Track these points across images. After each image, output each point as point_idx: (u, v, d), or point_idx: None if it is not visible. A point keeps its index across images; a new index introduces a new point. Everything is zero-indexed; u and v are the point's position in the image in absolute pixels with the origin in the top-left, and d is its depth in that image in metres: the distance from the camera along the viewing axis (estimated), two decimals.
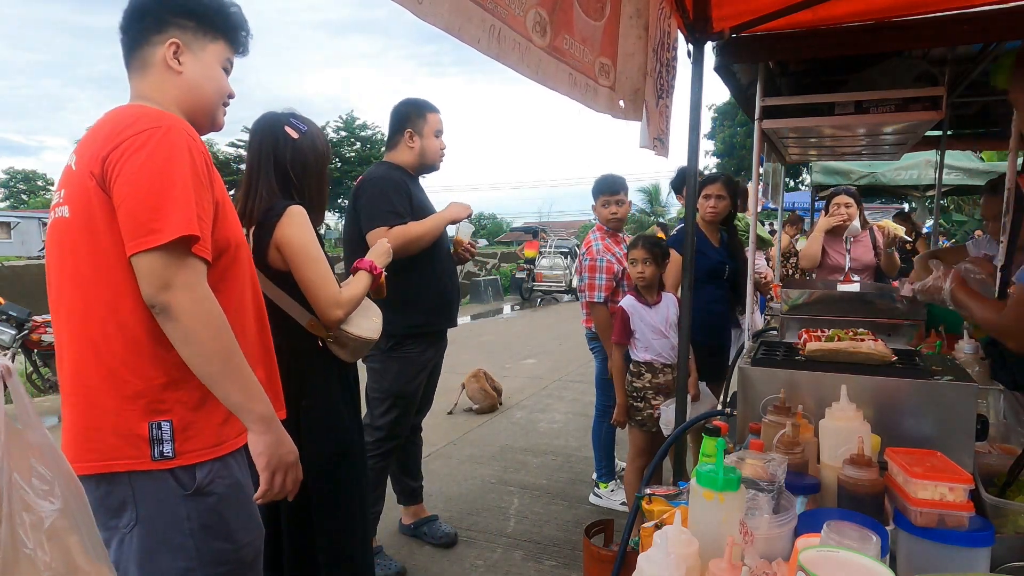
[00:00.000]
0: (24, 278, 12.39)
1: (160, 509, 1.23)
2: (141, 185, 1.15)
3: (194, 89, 1.37)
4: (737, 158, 27.27)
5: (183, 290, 1.16)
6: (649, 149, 2.45)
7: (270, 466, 1.32)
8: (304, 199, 1.90)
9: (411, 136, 2.72)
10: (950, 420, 1.33)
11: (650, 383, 2.91)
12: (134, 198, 1.16)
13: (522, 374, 6.98)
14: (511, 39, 1.52)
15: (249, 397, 1.26)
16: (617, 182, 3.39)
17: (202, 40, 1.37)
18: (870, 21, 2.37)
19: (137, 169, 1.16)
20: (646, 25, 2.28)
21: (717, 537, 0.93)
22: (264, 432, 1.29)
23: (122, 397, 1.21)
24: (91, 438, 1.22)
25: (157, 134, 1.18)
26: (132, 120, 1.20)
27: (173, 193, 1.16)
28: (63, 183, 1.27)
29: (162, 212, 1.14)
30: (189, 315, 1.16)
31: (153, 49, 1.33)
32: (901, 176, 6.88)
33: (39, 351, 5.44)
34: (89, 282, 1.21)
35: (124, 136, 1.18)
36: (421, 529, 3.12)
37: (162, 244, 1.13)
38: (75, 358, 1.23)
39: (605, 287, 3.24)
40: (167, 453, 1.22)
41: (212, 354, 1.20)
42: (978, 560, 0.94)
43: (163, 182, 1.16)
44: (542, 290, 15.32)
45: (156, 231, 1.14)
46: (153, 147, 1.17)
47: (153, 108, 1.27)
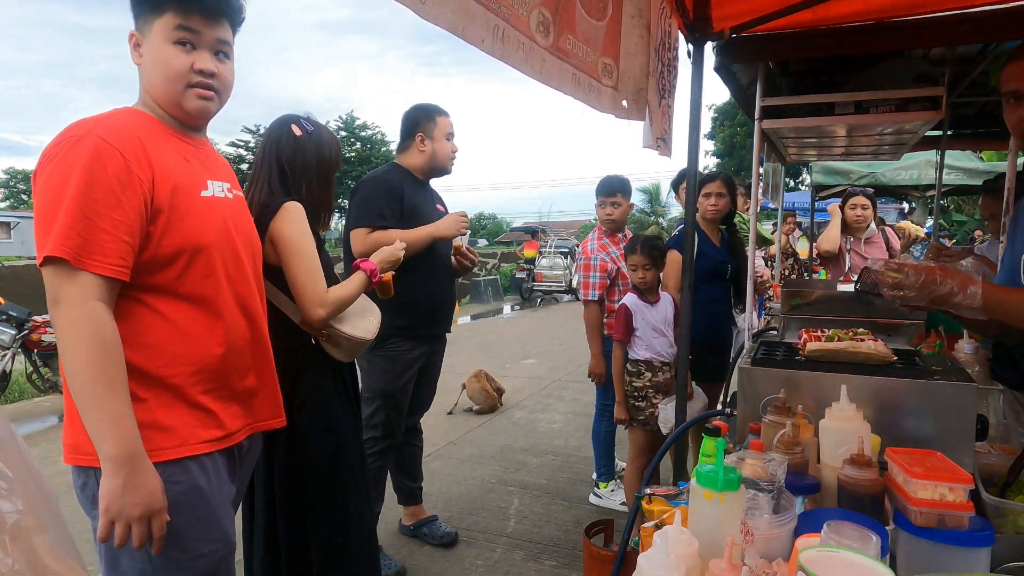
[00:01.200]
0: (24, 278, 12.39)
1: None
2: (42, 202, 1.18)
3: (150, 78, 1.32)
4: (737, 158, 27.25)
5: (64, 305, 1.16)
6: (652, 149, 2.45)
7: (108, 513, 1.20)
8: (302, 197, 1.88)
9: (422, 140, 2.74)
10: (950, 420, 1.33)
11: (650, 382, 2.91)
12: (36, 212, 1.20)
13: (522, 374, 6.97)
14: (515, 39, 1.52)
15: (102, 432, 1.18)
16: (614, 184, 3.41)
17: (148, 19, 1.29)
18: (870, 21, 2.37)
19: (43, 183, 1.19)
20: (648, 25, 2.28)
21: (717, 537, 0.93)
22: (111, 474, 1.19)
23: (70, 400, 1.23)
24: (68, 431, 1.27)
25: (64, 146, 1.19)
26: (64, 131, 1.22)
27: (60, 210, 1.15)
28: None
29: (49, 229, 1.15)
30: (63, 331, 1.17)
31: (130, 49, 1.34)
32: (901, 176, 6.88)
33: (39, 351, 5.44)
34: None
35: (44, 151, 1.21)
36: (421, 530, 3.13)
37: (42, 262, 1.16)
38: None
39: (599, 285, 3.28)
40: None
41: (76, 377, 1.17)
42: (978, 560, 0.94)
43: (55, 198, 1.16)
44: (542, 290, 15.32)
45: (43, 247, 1.16)
46: (58, 161, 1.19)
47: (114, 113, 1.29)
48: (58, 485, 4.12)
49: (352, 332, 1.91)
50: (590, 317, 3.32)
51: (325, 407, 1.94)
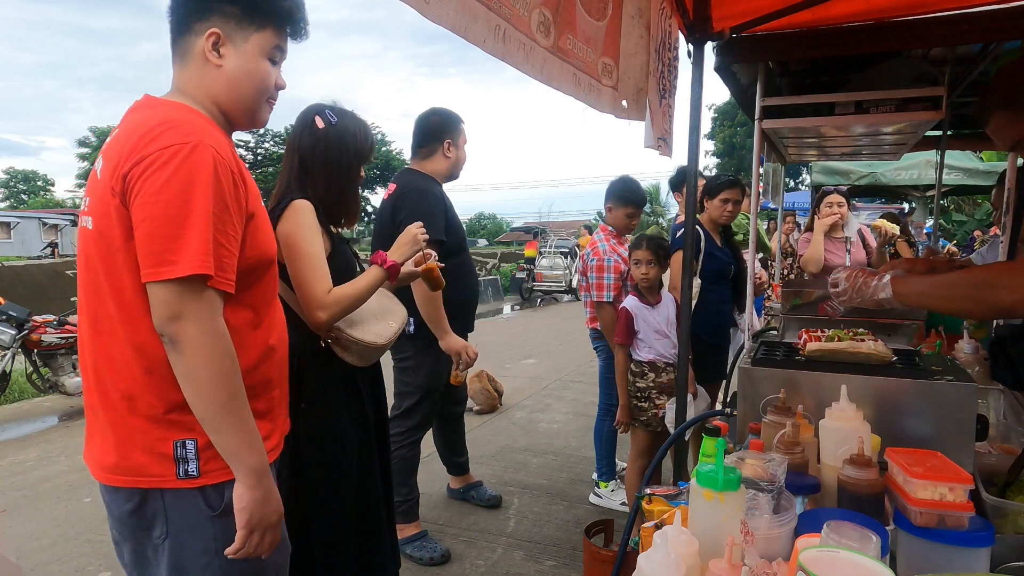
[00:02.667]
0: (24, 278, 12.40)
1: (188, 527, 1.21)
2: (158, 210, 1.09)
3: (233, 85, 1.26)
4: (737, 158, 27.28)
5: (192, 323, 1.11)
6: (653, 149, 2.45)
7: (250, 524, 1.20)
8: (317, 195, 1.82)
9: (449, 146, 2.79)
10: (950, 420, 1.33)
11: (654, 383, 2.91)
12: (150, 223, 1.09)
13: (522, 374, 6.97)
14: (516, 39, 1.52)
15: (242, 446, 1.18)
16: (643, 197, 3.46)
17: (246, 29, 1.25)
18: (870, 21, 2.37)
19: (156, 191, 1.09)
20: (647, 25, 2.28)
21: (717, 537, 0.93)
22: (253, 486, 1.20)
23: (145, 416, 1.18)
24: (123, 454, 1.19)
25: (181, 153, 1.10)
26: (159, 131, 1.12)
27: (191, 223, 1.09)
28: (89, 189, 1.21)
29: (178, 243, 1.09)
30: (193, 350, 1.11)
31: (194, 39, 1.24)
32: (901, 176, 6.89)
33: (39, 351, 5.43)
34: (108, 299, 1.17)
35: (147, 152, 1.10)
36: (469, 492, 3.54)
37: (174, 278, 1.09)
38: (98, 373, 1.21)
39: (614, 287, 3.23)
40: (192, 472, 1.19)
41: (211, 394, 1.13)
42: (978, 560, 0.94)
43: (181, 210, 1.09)
44: (542, 290, 15.31)
45: (170, 263, 1.09)
46: (175, 168, 1.10)
47: (184, 113, 1.19)
48: (58, 486, 4.14)
49: (361, 336, 1.82)
50: (605, 319, 3.25)
51: (331, 413, 1.86)
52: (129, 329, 1.16)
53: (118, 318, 1.17)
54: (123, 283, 1.15)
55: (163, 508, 1.20)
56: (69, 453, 4.61)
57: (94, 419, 1.24)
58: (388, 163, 31.23)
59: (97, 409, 1.22)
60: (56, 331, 5.50)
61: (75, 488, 3.91)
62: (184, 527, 1.20)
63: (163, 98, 1.26)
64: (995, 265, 1.84)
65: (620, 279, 3.25)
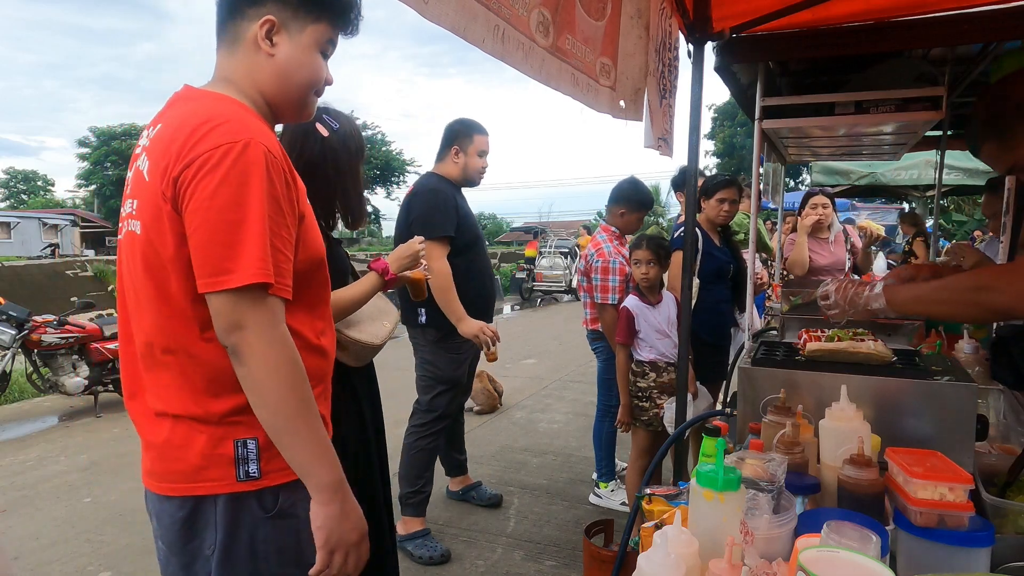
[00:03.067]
0: (24, 278, 12.41)
1: (241, 531, 1.15)
2: (212, 216, 1.03)
3: (284, 76, 1.20)
4: (737, 158, 27.28)
5: (254, 333, 1.05)
6: (654, 149, 2.45)
7: (328, 544, 1.14)
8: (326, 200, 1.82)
9: (456, 152, 2.99)
10: (950, 420, 1.33)
11: (655, 382, 2.92)
12: (205, 230, 1.04)
13: (522, 374, 6.97)
14: (515, 39, 1.52)
15: (314, 459, 1.11)
16: (649, 200, 3.48)
17: (302, 20, 1.19)
18: (870, 21, 2.37)
19: (209, 195, 1.03)
20: (646, 25, 2.28)
21: (717, 537, 0.93)
22: (327, 502, 1.13)
23: (203, 419, 1.12)
24: (175, 457, 1.13)
25: (233, 153, 1.04)
26: (207, 128, 1.06)
27: (247, 229, 1.04)
28: (135, 191, 1.14)
29: (234, 251, 1.03)
30: (258, 360, 1.06)
31: (246, 24, 1.17)
32: (901, 176, 6.89)
33: (39, 351, 5.43)
34: (163, 306, 1.11)
35: (197, 153, 1.04)
36: (469, 493, 3.55)
37: (233, 288, 1.03)
38: (152, 380, 1.15)
39: (619, 289, 3.21)
40: (253, 473, 1.13)
41: (279, 406, 1.08)
42: (978, 560, 0.94)
43: (236, 214, 1.03)
44: (542, 290, 15.31)
45: (227, 271, 1.03)
46: (227, 170, 1.03)
47: (230, 107, 1.12)
48: (58, 486, 4.15)
49: (358, 336, 1.84)
50: (608, 320, 3.23)
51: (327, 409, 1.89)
52: (183, 337, 1.11)
53: (170, 326, 1.11)
54: (176, 290, 1.09)
55: (215, 514, 1.13)
56: (69, 453, 4.61)
57: (147, 430, 1.18)
58: (388, 163, 31.28)
59: (150, 419, 1.16)
60: (56, 331, 5.49)
61: (75, 488, 3.91)
62: (236, 532, 1.14)
63: (206, 89, 1.20)
64: (989, 268, 1.85)
65: (624, 281, 3.24)
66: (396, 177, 33.20)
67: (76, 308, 5.95)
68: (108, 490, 3.87)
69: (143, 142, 1.16)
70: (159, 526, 1.19)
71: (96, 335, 5.67)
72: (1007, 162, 1.41)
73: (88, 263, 15.29)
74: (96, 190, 34.54)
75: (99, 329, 5.74)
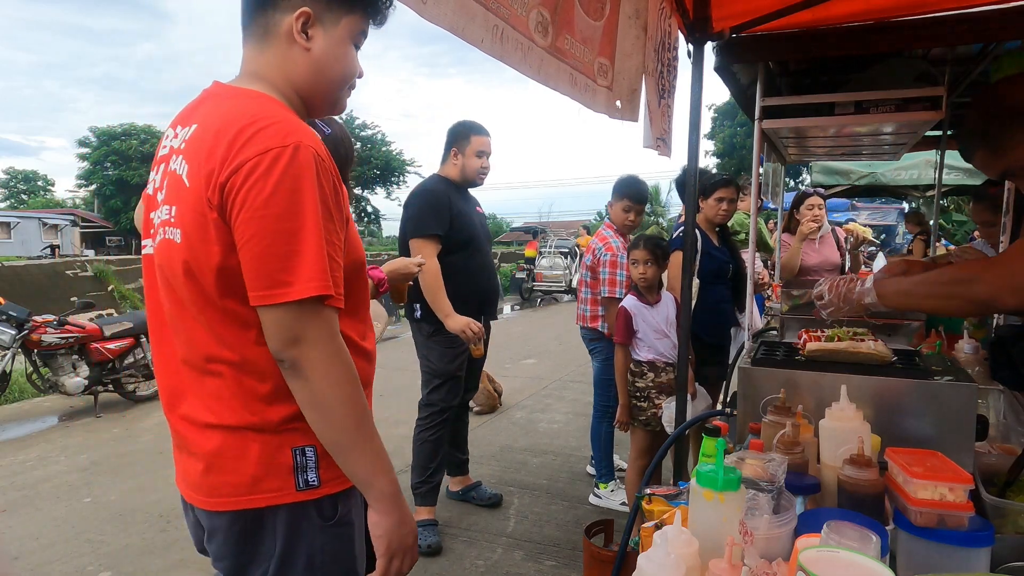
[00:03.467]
0: (24, 278, 12.40)
1: (301, 541, 1.12)
2: (267, 225, 0.98)
3: (319, 70, 1.15)
4: (737, 158, 27.28)
5: (314, 347, 1.01)
6: (652, 149, 2.45)
7: (390, 550, 1.12)
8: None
9: (455, 154, 3.09)
10: (950, 420, 1.33)
11: (653, 382, 2.92)
12: (259, 241, 0.99)
13: (522, 374, 6.97)
14: (514, 39, 1.52)
15: (376, 471, 1.09)
16: (645, 193, 3.51)
17: (336, 11, 1.14)
18: (870, 21, 2.37)
19: (262, 205, 0.98)
20: (644, 26, 2.28)
21: (717, 537, 0.93)
22: (389, 511, 1.11)
23: (259, 428, 1.08)
24: (229, 469, 1.09)
25: (284, 157, 0.99)
26: (254, 130, 1.01)
27: (304, 238, 0.99)
28: (173, 196, 1.08)
29: (292, 262, 0.99)
30: (320, 374, 1.02)
31: (279, 16, 1.11)
32: (901, 176, 6.88)
33: (39, 351, 5.43)
34: (212, 313, 1.06)
35: (246, 157, 0.99)
36: (469, 494, 3.57)
37: (292, 301, 0.99)
38: (199, 390, 1.10)
39: (626, 284, 3.27)
40: (312, 481, 1.10)
41: (339, 420, 1.05)
42: (978, 560, 0.94)
43: (292, 223, 0.99)
44: (542, 290, 15.31)
45: (285, 284, 0.99)
46: (280, 176, 0.98)
47: (271, 107, 1.07)
48: (58, 486, 4.15)
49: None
50: (614, 316, 3.19)
51: None
52: (236, 343, 1.07)
53: (220, 334, 1.06)
54: (223, 301, 1.04)
55: (274, 525, 1.10)
56: (69, 453, 4.61)
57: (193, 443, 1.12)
58: (388, 163, 31.26)
59: (193, 428, 1.12)
60: (56, 331, 5.49)
61: (75, 488, 3.91)
62: (295, 541, 1.11)
63: (237, 85, 1.14)
64: (971, 261, 1.86)
65: (630, 278, 3.25)
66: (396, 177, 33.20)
67: (76, 308, 5.95)
68: (108, 490, 3.87)
69: (174, 143, 1.11)
70: (211, 540, 1.15)
71: (96, 335, 5.67)
72: (999, 167, 1.41)
73: (88, 263, 15.28)
74: (96, 190, 34.50)
75: (99, 329, 5.74)
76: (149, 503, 3.60)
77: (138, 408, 5.87)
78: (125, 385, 5.87)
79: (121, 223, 32.58)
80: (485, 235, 3.24)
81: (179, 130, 1.11)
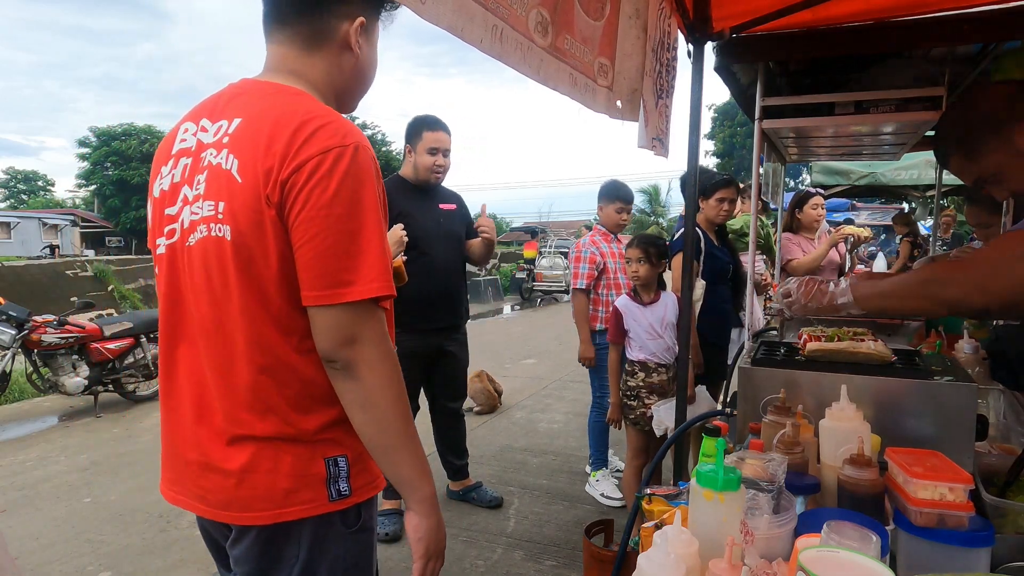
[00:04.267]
0: (24, 278, 12.39)
1: (326, 548, 1.11)
2: (331, 224, 0.97)
3: (363, 75, 1.18)
4: (737, 158, 27.28)
5: (370, 346, 1.00)
6: (647, 149, 2.45)
7: (428, 554, 1.12)
8: None
9: (408, 151, 3.04)
10: (950, 420, 1.33)
11: (643, 382, 2.91)
12: (323, 240, 0.97)
13: (522, 374, 6.97)
14: (513, 39, 1.52)
15: (420, 473, 1.09)
16: (632, 193, 3.67)
17: (375, 18, 1.17)
18: (870, 21, 2.37)
19: (327, 203, 0.97)
20: (644, 26, 2.28)
21: (717, 537, 0.93)
22: (428, 514, 1.11)
23: (293, 438, 1.07)
24: (261, 483, 1.06)
25: (347, 156, 0.99)
26: (312, 128, 0.99)
27: (366, 238, 0.99)
28: (217, 191, 1.03)
29: (355, 261, 0.98)
30: (374, 375, 1.01)
31: (336, 23, 1.11)
32: (901, 176, 6.88)
33: (39, 351, 5.43)
34: (255, 319, 1.04)
35: (308, 155, 0.98)
36: (470, 494, 3.56)
37: (354, 301, 0.98)
38: (231, 402, 1.07)
39: (587, 275, 3.44)
40: (344, 491, 1.10)
41: (390, 421, 1.04)
42: (978, 560, 0.94)
43: (355, 223, 0.98)
44: (542, 290, 15.33)
45: (348, 283, 0.98)
46: (342, 176, 0.98)
47: (320, 105, 1.06)
48: (58, 486, 4.15)
49: None
50: (577, 305, 3.50)
51: None
52: (279, 349, 1.05)
53: (266, 340, 1.04)
54: (278, 300, 1.03)
55: (300, 536, 1.09)
56: (69, 453, 4.61)
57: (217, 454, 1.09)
58: (388, 163, 31.25)
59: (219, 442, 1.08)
60: (56, 331, 5.49)
61: (75, 488, 3.91)
62: (320, 550, 1.10)
63: (274, 82, 1.11)
64: (942, 263, 1.86)
65: (595, 268, 3.45)
66: None
67: (76, 308, 5.96)
68: (108, 490, 3.87)
69: (204, 137, 1.08)
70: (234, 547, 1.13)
71: (96, 335, 5.68)
72: (973, 174, 1.43)
73: (88, 263, 15.28)
74: (96, 190, 34.46)
75: (99, 329, 5.75)
76: (149, 503, 3.61)
77: (138, 408, 5.87)
78: (125, 385, 5.88)
79: (121, 223, 32.55)
80: (442, 236, 3.06)
81: (206, 123, 1.08)
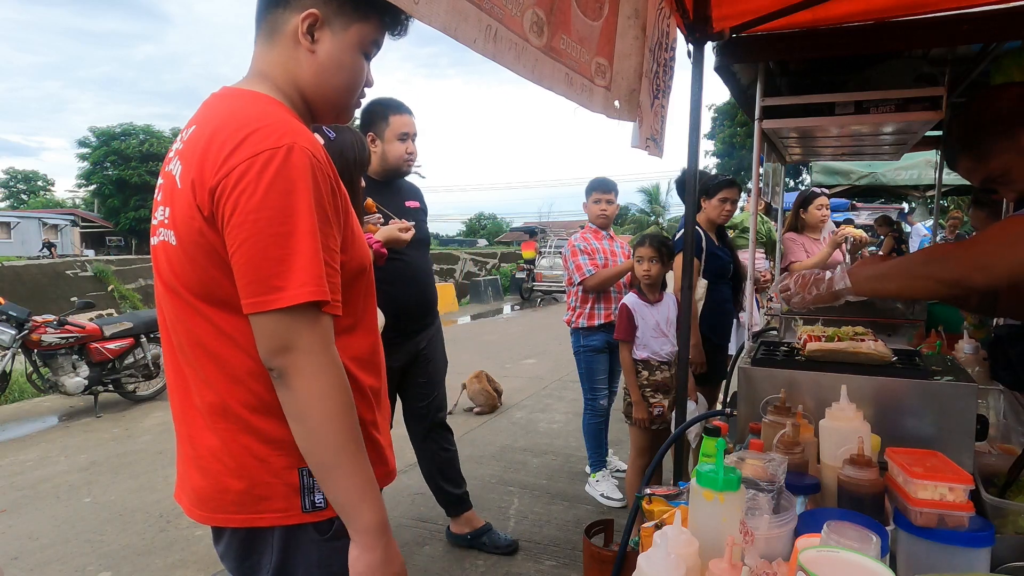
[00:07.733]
0: (24, 278, 12.40)
1: (298, 555, 1.09)
2: (259, 230, 0.94)
3: (323, 75, 1.11)
4: (737, 158, 27.26)
5: (304, 355, 0.97)
6: (641, 149, 2.44)
7: None
8: None
9: (372, 140, 2.56)
10: (950, 420, 1.33)
11: (647, 381, 2.92)
12: (251, 247, 0.95)
13: (522, 374, 6.98)
14: (508, 39, 1.51)
15: (360, 498, 1.01)
16: (609, 182, 3.61)
17: (348, 17, 1.10)
18: (870, 21, 2.37)
19: (254, 209, 0.94)
20: (643, 26, 2.28)
21: (717, 537, 0.93)
22: (371, 547, 1.03)
23: (262, 447, 1.05)
24: (235, 487, 1.05)
25: (275, 160, 0.95)
26: (245, 133, 0.97)
27: (297, 242, 0.95)
28: (167, 198, 1.05)
29: (284, 266, 0.94)
30: (307, 385, 0.97)
31: (287, 15, 1.08)
32: (901, 176, 6.88)
33: (39, 351, 5.43)
34: (200, 325, 1.03)
35: (236, 161, 0.95)
36: (480, 540, 2.97)
37: (284, 307, 0.95)
38: (203, 400, 1.06)
39: (588, 263, 3.43)
40: (319, 503, 1.06)
41: (322, 436, 0.98)
42: (978, 560, 0.94)
43: (285, 227, 0.95)
44: (542, 290, 15.35)
45: (277, 289, 0.94)
46: (271, 179, 0.94)
47: (269, 108, 1.04)
48: (58, 486, 4.14)
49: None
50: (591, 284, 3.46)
51: None
52: (229, 365, 1.03)
53: (219, 349, 1.03)
54: (220, 308, 1.01)
55: (272, 540, 1.08)
56: (69, 453, 4.61)
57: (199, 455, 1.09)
58: None
59: (196, 443, 1.09)
60: (56, 331, 5.49)
61: (75, 488, 3.91)
62: (294, 557, 1.09)
63: (242, 87, 1.11)
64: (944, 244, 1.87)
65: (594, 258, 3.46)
66: None
67: (76, 308, 5.96)
68: (108, 490, 3.87)
69: (179, 144, 1.08)
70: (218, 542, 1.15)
71: (96, 335, 5.68)
72: (981, 174, 1.44)
73: (88, 263, 15.29)
74: (96, 190, 34.49)
75: (99, 329, 5.75)
76: (149, 503, 3.61)
77: (138, 408, 5.87)
78: (125, 385, 5.88)
79: (121, 223, 32.56)
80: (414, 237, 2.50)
81: (184, 133, 1.09)
